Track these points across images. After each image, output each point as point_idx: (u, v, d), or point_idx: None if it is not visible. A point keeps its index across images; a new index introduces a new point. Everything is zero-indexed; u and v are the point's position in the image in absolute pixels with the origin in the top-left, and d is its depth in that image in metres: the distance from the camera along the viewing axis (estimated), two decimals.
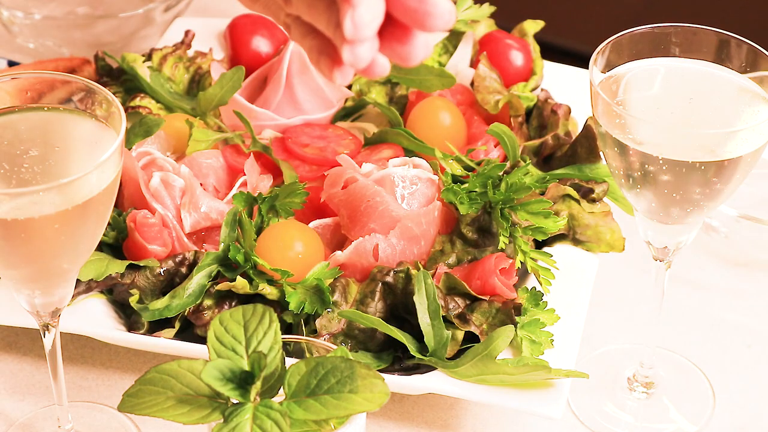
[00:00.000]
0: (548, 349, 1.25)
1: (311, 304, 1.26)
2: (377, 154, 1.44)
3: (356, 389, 1.00)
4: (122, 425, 1.27)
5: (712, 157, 1.12)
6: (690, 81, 1.21)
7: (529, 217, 1.31)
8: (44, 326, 1.15)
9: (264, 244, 1.30)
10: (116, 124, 1.08)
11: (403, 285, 1.28)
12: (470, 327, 1.25)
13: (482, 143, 1.47)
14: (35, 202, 1.01)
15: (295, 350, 1.11)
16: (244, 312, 1.03)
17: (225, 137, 1.47)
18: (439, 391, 1.22)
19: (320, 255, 1.32)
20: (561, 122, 1.47)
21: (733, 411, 1.31)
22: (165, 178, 1.36)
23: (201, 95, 1.49)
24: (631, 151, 1.13)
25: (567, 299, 1.31)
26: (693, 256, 1.48)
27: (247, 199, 1.34)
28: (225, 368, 1.01)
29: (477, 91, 1.50)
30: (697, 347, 1.38)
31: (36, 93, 1.20)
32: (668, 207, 1.17)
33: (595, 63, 1.18)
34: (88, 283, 1.29)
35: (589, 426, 1.29)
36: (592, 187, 1.38)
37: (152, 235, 1.31)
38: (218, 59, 1.60)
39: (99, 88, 1.11)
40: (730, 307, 1.43)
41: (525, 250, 1.30)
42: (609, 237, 1.36)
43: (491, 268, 1.29)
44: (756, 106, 1.17)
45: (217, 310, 1.28)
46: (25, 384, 1.31)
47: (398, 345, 1.28)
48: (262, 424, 1.00)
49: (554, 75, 1.61)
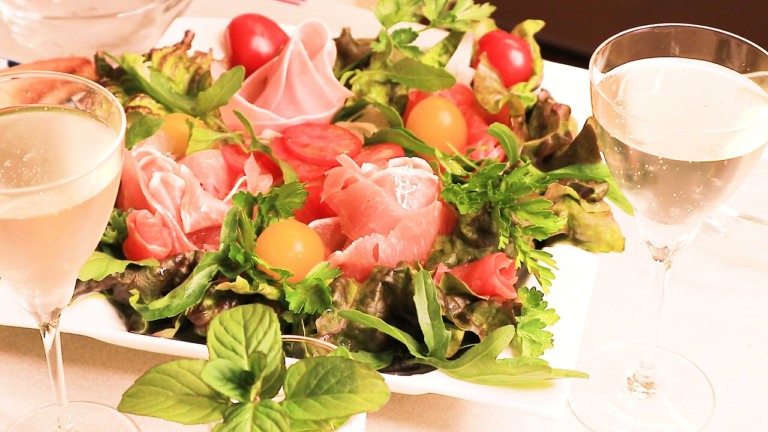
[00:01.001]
0: (548, 349, 1.26)
1: (311, 304, 1.26)
2: (377, 154, 1.44)
3: (356, 389, 1.00)
4: (122, 425, 1.27)
5: (712, 157, 1.12)
6: (690, 81, 1.21)
7: (529, 217, 1.31)
8: (44, 326, 1.15)
9: (264, 244, 1.30)
10: (116, 124, 1.08)
11: (403, 285, 1.28)
12: (470, 327, 1.26)
13: (482, 143, 1.47)
14: (35, 202, 1.01)
15: (295, 350, 1.11)
16: (244, 312, 1.03)
17: (225, 137, 1.47)
18: (439, 391, 1.22)
19: (320, 255, 1.32)
20: (561, 122, 1.47)
21: (733, 411, 1.31)
22: (165, 178, 1.36)
23: (201, 95, 1.49)
24: (631, 151, 1.13)
25: (567, 299, 1.31)
26: (693, 256, 1.48)
27: (247, 199, 1.34)
28: (225, 368, 1.01)
29: (477, 91, 1.50)
30: (697, 347, 1.38)
31: (36, 93, 1.20)
32: (668, 207, 1.17)
33: (595, 63, 1.18)
34: (88, 283, 1.29)
35: (589, 426, 1.29)
36: (592, 187, 1.38)
37: (152, 235, 1.31)
38: (218, 59, 1.60)
39: (99, 88, 1.11)
40: (730, 307, 1.43)
41: (525, 250, 1.30)
42: (609, 237, 1.36)
43: (491, 268, 1.29)
44: (756, 106, 1.17)
45: (217, 310, 1.28)
46: (25, 384, 1.31)
47: (398, 345, 1.28)
48: (262, 424, 1.00)
49: (554, 75, 1.61)
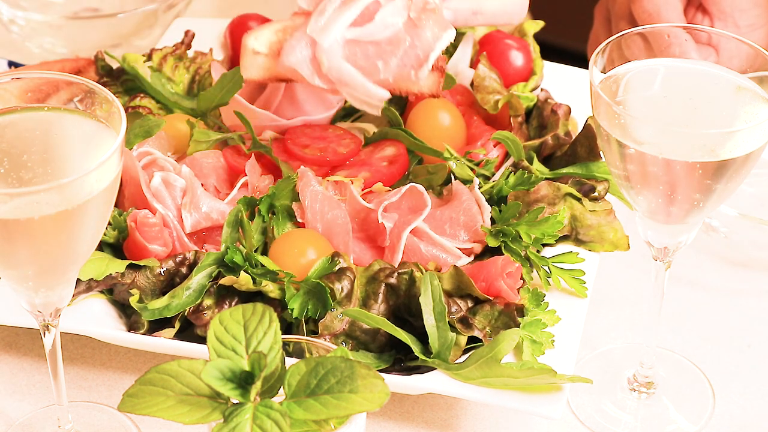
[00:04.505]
0: (549, 349, 1.26)
1: (313, 307, 1.26)
2: (380, 152, 1.44)
3: (356, 389, 1.00)
4: (122, 425, 1.27)
5: (712, 157, 1.12)
6: (690, 81, 1.21)
7: (529, 231, 1.32)
8: (44, 326, 1.15)
9: (278, 250, 1.30)
10: (116, 124, 1.08)
11: (407, 286, 1.28)
12: (473, 332, 1.25)
13: (482, 143, 1.47)
14: (35, 202, 1.01)
15: (295, 350, 1.11)
16: (244, 312, 1.03)
17: (225, 138, 1.47)
18: (440, 391, 1.22)
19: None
20: (561, 122, 1.47)
21: (733, 411, 1.31)
22: (166, 178, 1.36)
23: (201, 95, 1.49)
24: (631, 151, 1.13)
25: (567, 299, 1.31)
26: (693, 256, 1.48)
27: (251, 203, 1.35)
28: (225, 368, 1.01)
29: (477, 91, 1.50)
30: (697, 347, 1.38)
31: (43, 95, 1.20)
32: (668, 207, 1.17)
33: (595, 63, 1.18)
34: (88, 282, 1.29)
35: (589, 426, 1.29)
36: (594, 185, 1.38)
37: (153, 234, 1.31)
38: (218, 59, 1.60)
39: (99, 88, 1.11)
40: (730, 307, 1.43)
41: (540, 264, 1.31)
42: (612, 236, 1.36)
43: (498, 270, 1.28)
44: (756, 106, 1.17)
45: (217, 310, 1.28)
46: (25, 384, 1.31)
47: (399, 346, 1.28)
48: (262, 424, 1.00)
49: (554, 75, 1.61)
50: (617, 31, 1.62)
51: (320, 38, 1.30)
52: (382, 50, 1.32)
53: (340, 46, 1.31)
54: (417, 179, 1.41)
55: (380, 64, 1.32)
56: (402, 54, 1.31)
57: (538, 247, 1.34)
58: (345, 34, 1.31)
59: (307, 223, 1.34)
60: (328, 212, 1.33)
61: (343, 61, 1.31)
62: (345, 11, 1.32)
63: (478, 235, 1.35)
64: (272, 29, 1.35)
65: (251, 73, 1.34)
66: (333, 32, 1.31)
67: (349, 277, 1.27)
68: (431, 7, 1.33)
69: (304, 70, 1.31)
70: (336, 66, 1.30)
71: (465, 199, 1.36)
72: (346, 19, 1.31)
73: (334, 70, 1.30)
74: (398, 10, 1.33)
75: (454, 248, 1.33)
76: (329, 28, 1.31)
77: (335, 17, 1.31)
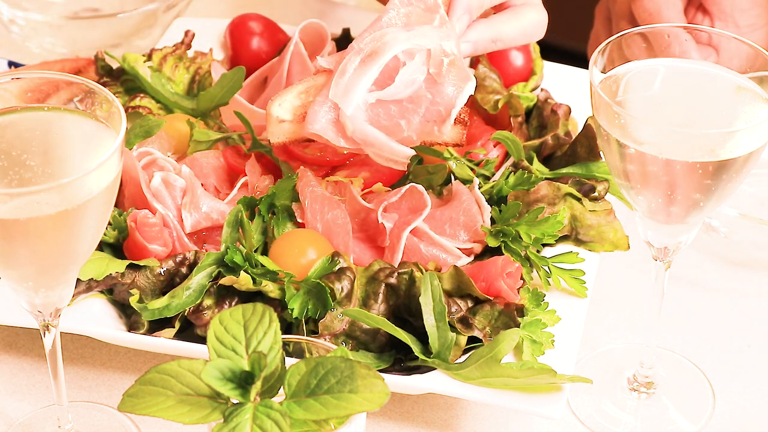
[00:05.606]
0: (549, 349, 1.26)
1: (313, 307, 1.26)
2: None
3: (356, 389, 1.00)
4: (122, 425, 1.27)
5: (712, 157, 1.12)
6: (690, 81, 1.21)
7: (529, 231, 1.32)
8: (44, 326, 1.15)
9: (278, 250, 1.30)
10: (116, 124, 1.08)
11: (407, 287, 1.28)
12: (473, 332, 1.25)
13: (482, 143, 1.47)
14: (35, 202, 1.01)
15: (295, 350, 1.11)
16: (244, 312, 1.03)
17: (225, 137, 1.47)
18: (440, 391, 1.22)
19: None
20: (561, 122, 1.47)
21: (733, 411, 1.31)
22: (166, 177, 1.36)
23: (201, 95, 1.49)
24: (631, 151, 1.13)
25: (567, 299, 1.31)
26: (693, 256, 1.48)
27: (251, 203, 1.35)
28: (225, 368, 1.01)
29: (477, 91, 1.50)
30: (697, 347, 1.38)
31: (43, 95, 1.20)
32: (668, 207, 1.17)
33: (595, 63, 1.18)
34: (88, 282, 1.29)
35: (589, 426, 1.29)
36: (594, 185, 1.38)
37: (153, 234, 1.31)
38: (218, 59, 1.60)
39: (99, 88, 1.11)
40: (730, 307, 1.43)
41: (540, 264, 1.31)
42: (612, 236, 1.36)
43: (498, 271, 1.28)
44: (756, 106, 1.17)
45: (217, 310, 1.28)
46: (25, 384, 1.31)
47: (399, 346, 1.28)
48: (262, 424, 1.00)
49: (554, 75, 1.61)
50: (618, 30, 1.62)
51: (343, 104, 1.32)
52: (404, 108, 1.34)
53: (362, 110, 1.33)
54: (417, 179, 1.41)
55: (403, 123, 1.34)
56: (424, 111, 1.33)
57: (538, 247, 1.34)
58: (367, 99, 1.33)
59: (307, 223, 1.34)
60: (328, 212, 1.33)
61: (367, 124, 1.33)
62: (366, 71, 1.33)
63: (478, 235, 1.35)
64: (294, 92, 1.37)
65: (278, 138, 1.36)
66: (355, 97, 1.33)
67: (349, 277, 1.27)
68: (450, 59, 1.34)
69: (329, 134, 1.33)
70: (360, 129, 1.32)
71: (465, 199, 1.36)
72: (367, 81, 1.33)
73: (358, 133, 1.32)
74: (418, 66, 1.34)
75: (454, 248, 1.33)
76: (351, 92, 1.32)
77: (356, 79, 1.33)
